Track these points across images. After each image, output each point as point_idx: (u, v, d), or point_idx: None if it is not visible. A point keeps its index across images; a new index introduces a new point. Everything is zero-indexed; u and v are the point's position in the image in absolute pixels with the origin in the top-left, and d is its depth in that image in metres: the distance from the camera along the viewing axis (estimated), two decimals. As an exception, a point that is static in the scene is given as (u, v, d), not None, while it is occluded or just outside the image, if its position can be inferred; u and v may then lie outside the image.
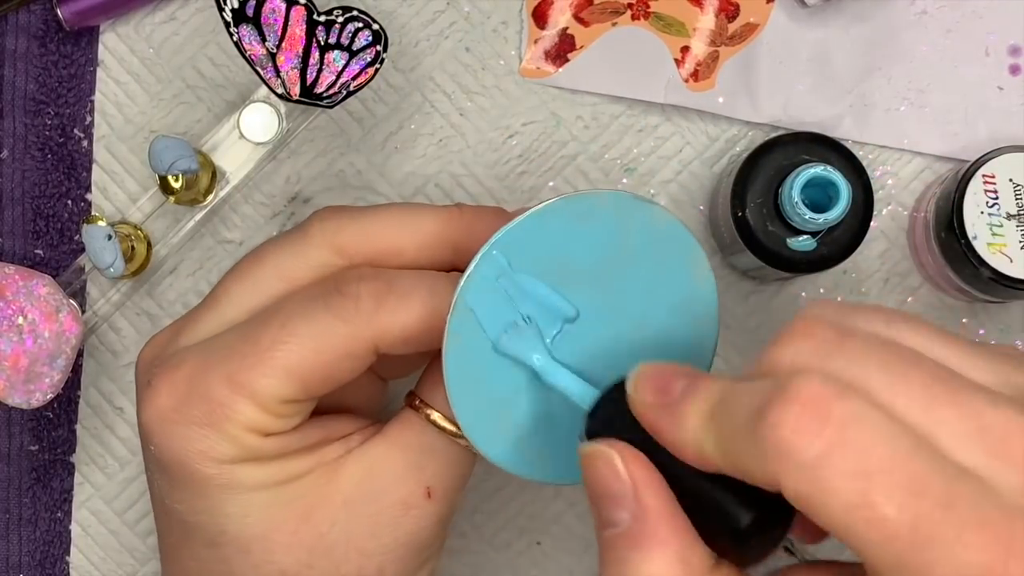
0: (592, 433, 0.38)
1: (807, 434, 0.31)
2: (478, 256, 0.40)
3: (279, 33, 0.49)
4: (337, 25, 0.49)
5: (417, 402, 0.44)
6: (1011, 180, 0.50)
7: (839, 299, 0.43)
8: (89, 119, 0.54)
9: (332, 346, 0.42)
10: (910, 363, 0.32)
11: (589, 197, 0.41)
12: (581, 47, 0.54)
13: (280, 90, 0.49)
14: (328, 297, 0.42)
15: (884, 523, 0.30)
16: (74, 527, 0.55)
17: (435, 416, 0.43)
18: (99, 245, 0.49)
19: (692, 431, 0.34)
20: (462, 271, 0.40)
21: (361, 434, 0.44)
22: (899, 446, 0.30)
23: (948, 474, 0.30)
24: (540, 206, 0.40)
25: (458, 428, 0.43)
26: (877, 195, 0.53)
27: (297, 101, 0.50)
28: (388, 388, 0.49)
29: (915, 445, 0.31)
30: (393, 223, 0.44)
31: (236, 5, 0.48)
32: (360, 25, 0.49)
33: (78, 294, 0.53)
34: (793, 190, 0.48)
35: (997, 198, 0.50)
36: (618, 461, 0.36)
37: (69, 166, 0.54)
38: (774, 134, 0.53)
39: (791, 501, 0.31)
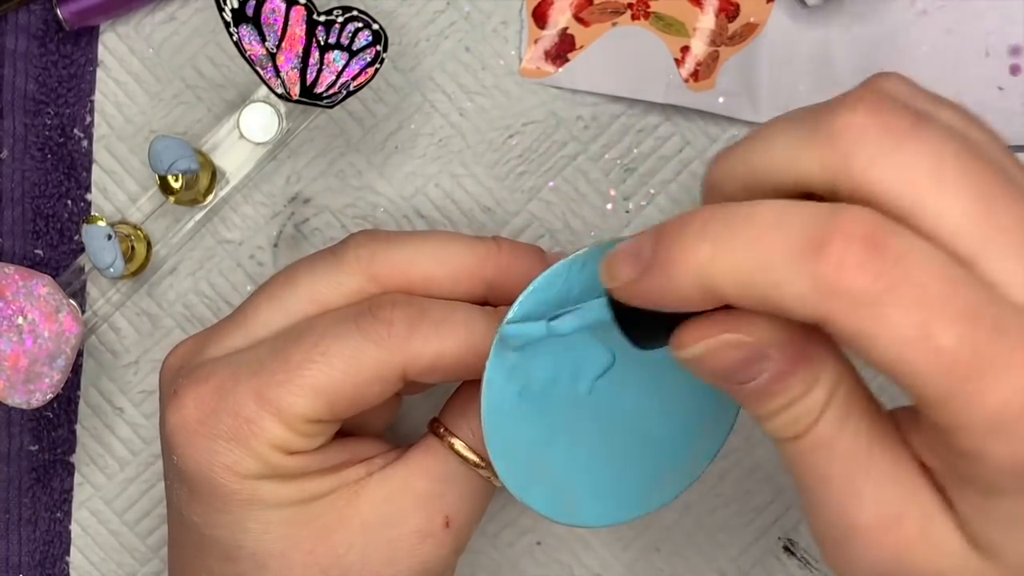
0: (633, 335, 0.36)
1: (868, 272, 0.30)
2: (515, 305, 0.40)
3: (279, 33, 0.49)
4: (337, 25, 0.49)
5: (441, 430, 0.44)
6: (1011, 180, 0.50)
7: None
8: (89, 119, 0.54)
9: (362, 369, 0.41)
10: (982, 165, 0.32)
11: None
12: (581, 47, 0.54)
13: (280, 90, 0.49)
14: (361, 319, 0.42)
15: (940, 354, 0.30)
16: (74, 527, 0.55)
17: (458, 445, 0.43)
18: (99, 245, 0.49)
19: (691, 270, 0.32)
20: (494, 305, 0.41)
21: (383, 458, 0.44)
22: (953, 276, 0.30)
23: (999, 302, 0.30)
24: (582, 252, 0.40)
25: (480, 458, 0.43)
26: (877, 195, 0.53)
27: (297, 101, 0.50)
28: (401, 402, 0.49)
29: (966, 274, 0.30)
30: (429, 254, 0.44)
31: (236, 5, 0.48)
32: (360, 25, 0.49)
33: (78, 294, 0.53)
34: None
35: (997, 198, 0.50)
36: (732, 338, 0.33)
37: (69, 166, 0.54)
38: (774, 134, 0.53)
39: (836, 336, 0.31)
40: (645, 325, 0.35)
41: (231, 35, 0.48)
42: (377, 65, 0.49)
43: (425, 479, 0.43)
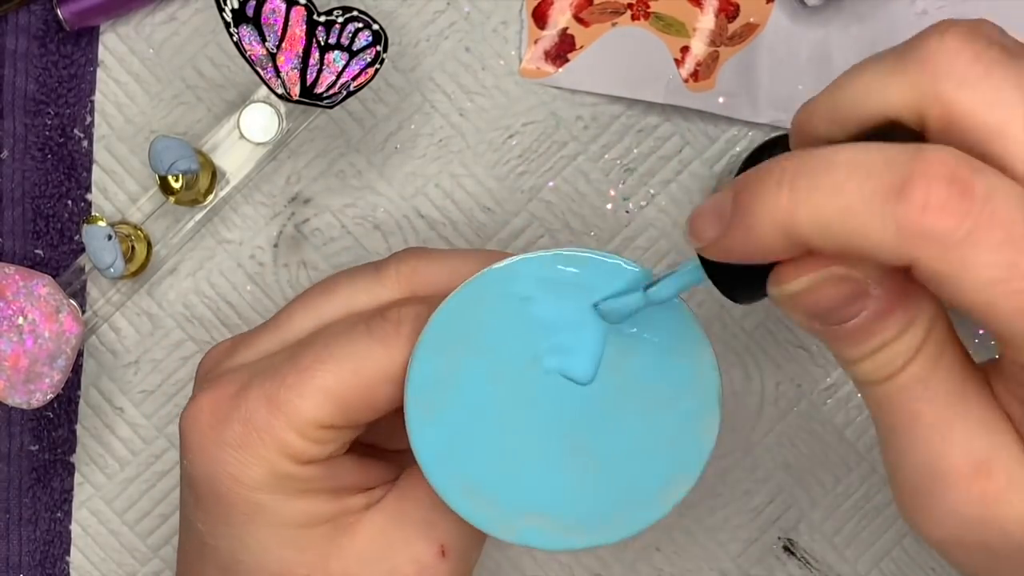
0: (731, 292, 0.36)
1: (953, 213, 0.29)
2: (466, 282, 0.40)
3: (279, 33, 0.49)
4: (337, 25, 0.49)
5: None
6: (1011, 180, 0.50)
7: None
8: (89, 119, 0.54)
9: (371, 369, 0.41)
10: None
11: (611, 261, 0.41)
12: (581, 47, 0.54)
13: (280, 90, 0.49)
14: (371, 320, 0.42)
15: None
16: (74, 527, 0.55)
17: None
18: (99, 245, 0.49)
19: (772, 219, 0.31)
20: None
21: (383, 489, 0.44)
22: None
23: None
24: (586, 251, 0.40)
25: None
26: (877, 195, 0.53)
27: (297, 101, 0.50)
28: None
29: None
30: (470, 270, 0.43)
31: (236, 5, 0.48)
32: (360, 25, 0.49)
33: (78, 294, 0.53)
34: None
35: (997, 198, 0.50)
36: (839, 270, 0.32)
37: (69, 166, 0.54)
38: (774, 134, 0.53)
39: (922, 278, 0.31)
40: (740, 280, 0.35)
41: (231, 35, 0.48)
42: (377, 65, 0.49)
43: (416, 508, 0.43)
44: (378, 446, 0.46)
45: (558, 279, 0.40)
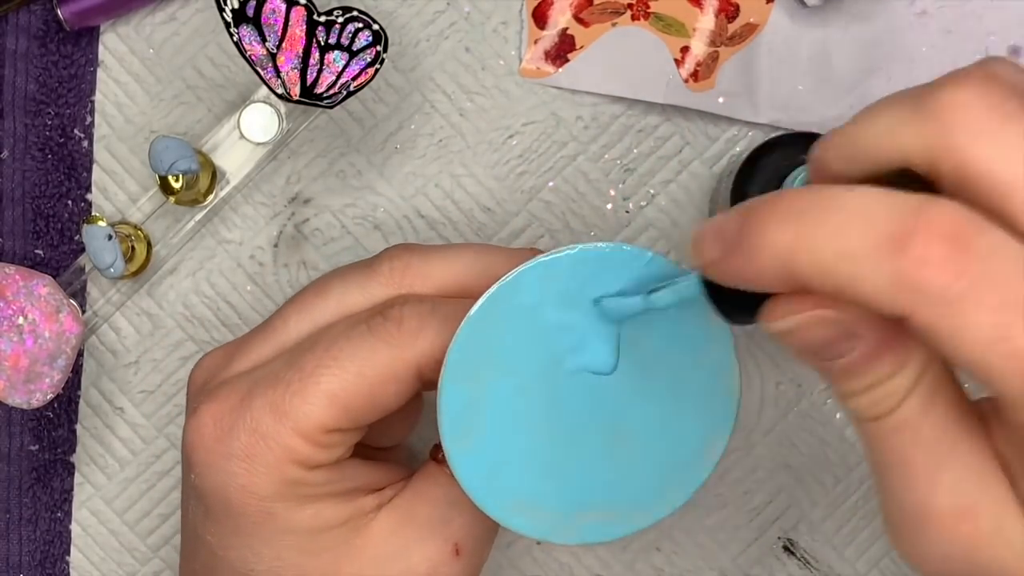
0: (727, 313, 0.36)
1: (950, 270, 0.30)
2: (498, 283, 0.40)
3: (279, 33, 0.49)
4: (337, 25, 0.49)
5: (440, 455, 0.43)
6: (1011, 180, 0.50)
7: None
8: (89, 119, 0.54)
9: (376, 370, 0.41)
10: None
11: (621, 250, 0.41)
12: (581, 47, 0.54)
13: (280, 90, 0.49)
14: (372, 320, 0.42)
15: (1020, 356, 0.30)
16: (74, 527, 0.55)
17: None
18: (99, 245, 0.49)
19: (774, 252, 0.32)
20: None
21: (394, 489, 0.44)
22: None
23: None
24: (580, 247, 0.40)
25: None
26: (877, 195, 0.53)
27: (297, 101, 0.50)
28: (422, 407, 0.49)
29: None
30: (463, 267, 0.43)
31: (236, 5, 0.48)
32: (360, 25, 0.49)
33: (78, 294, 0.53)
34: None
35: (997, 198, 0.50)
36: (828, 314, 0.33)
37: (69, 166, 0.54)
38: (774, 134, 0.53)
39: (917, 330, 0.31)
40: (736, 301, 0.35)
41: (231, 35, 0.48)
42: (377, 65, 0.49)
43: (429, 507, 0.43)
44: (368, 445, 0.46)
45: (561, 280, 0.41)
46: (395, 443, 0.48)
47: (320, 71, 0.49)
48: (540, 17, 0.54)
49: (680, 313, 0.41)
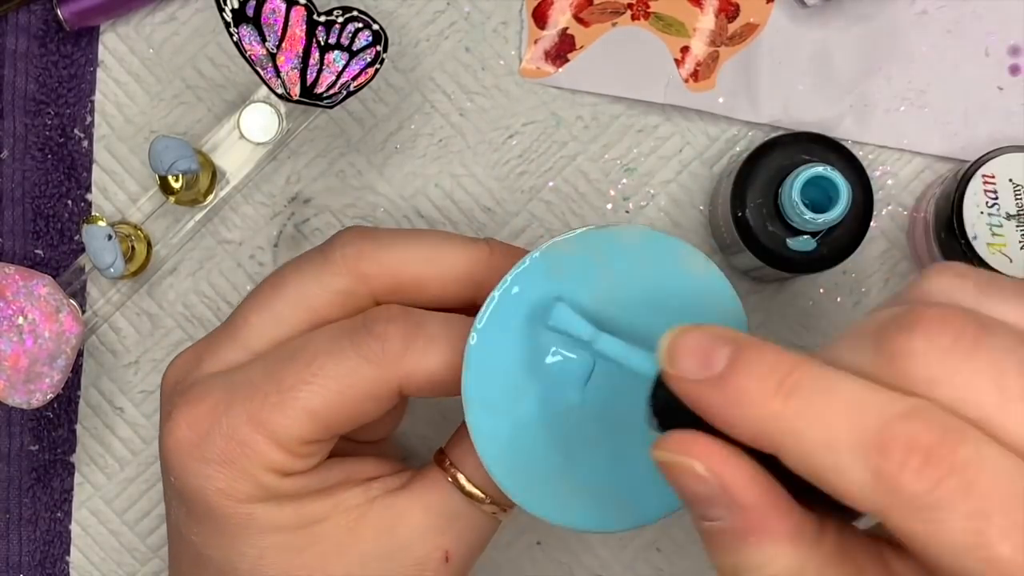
0: (660, 414, 0.35)
1: (927, 479, 0.30)
2: (498, 290, 0.40)
3: (279, 33, 0.49)
4: (337, 25, 0.49)
5: (447, 463, 0.43)
6: (1011, 180, 0.50)
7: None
8: (89, 119, 0.54)
9: (357, 388, 0.41)
10: None
11: (612, 231, 0.41)
12: (581, 47, 0.54)
13: (280, 90, 0.49)
14: (355, 336, 0.41)
15: (998, 563, 0.30)
16: (74, 527, 0.55)
17: (462, 479, 0.43)
18: (99, 245, 0.49)
19: (755, 413, 0.31)
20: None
21: (382, 483, 0.43)
22: (1017, 486, 0.30)
23: None
24: (560, 238, 0.40)
25: (485, 494, 0.42)
26: (877, 195, 0.53)
27: (297, 101, 0.50)
28: (405, 407, 0.49)
29: None
30: (420, 255, 0.43)
31: (236, 5, 0.48)
32: (360, 25, 0.49)
33: (78, 294, 0.53)
34: (793, 190, 0.48)
35: (997, 198, 0.50)
36: (699, 467, 0.32)
37: (69, 166, 0.54)
38: (774, 134, 0.53)
39: (894, 532, 0.31)
40: (674, 413, 0.34)
41: (231, 35, 0.48)
42: (377, 65, 0.49)
43: (428, 514, 0.43)
44: (352, 439, 0.46)
45: (538, 286, 0.40)
46: (379, 438, 0.48)
47: (320, 71, 0.49)
48: (540, 17, 0.54)
49: (669, 270, 0.40)
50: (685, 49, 0.54)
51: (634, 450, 0.41)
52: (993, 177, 0.50)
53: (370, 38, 0.49)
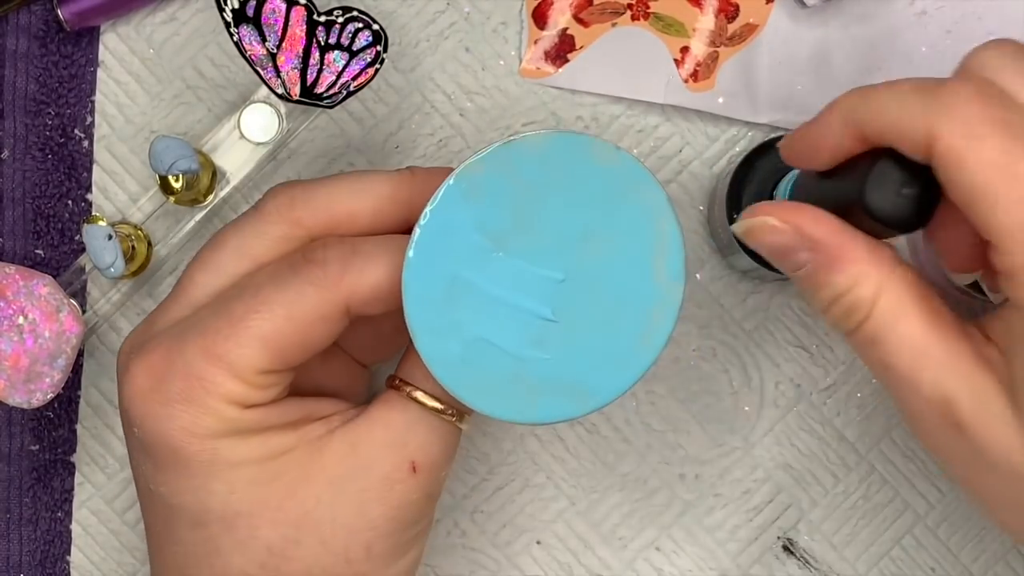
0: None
1: (974, 103, 0.37)
2: (441, 190, 0.42)
3: (279, 33, 0.49)
4: (337, 25, 0.49)
5: (398, 382, 0.44)
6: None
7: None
8: (89, 119, 0.54)
9: (304, 311, 0.42)
10: None
11: (517, 143, 0.42)
12: (581, 47, 0.54)
13: (280, 90, 0.49)
14: (296, 265, 0.43)
15: (1020, 178, 0.36)
16: (74, 527, 0.55)
17: (417, 394, 0.44)
18: (99, 245, 0.50)
19: (843, 106, 0.40)
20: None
21: (342, 416, 0.45)
22: None
23: None
24: (470, 160, 0.42)
25: (444, 404, 0.44)
26: (877, 195, 0.53)
27: (297, 101, 0.50)
28: (370, 377, 0.50)
29: None
30: (346, 190, 0.45)
31: (236, 5, 0.48)
32: (360, 25, 0.49)
33: (78, 294, 0.53)
34: (788, 191, 0.48)
35: (996, 198, 0.50)
36: (772, 220, 0.40)
37: (69, 166, 0.54)
38: (772, 135, 0.53)
39: (933, 158, 0.37)
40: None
41: (231, 35, 0.49)
42: (377, 65, 0.50)
43: (388, 430, 0.44)
44: (357, 360, 0.49)
45: (459, 211, 0.42)
46: (378, 361, 0.50)
47: (320, 71, 0.50)
48: (540, 17, 0.54)
49: (616, 189, 0.43)
50: (685, 49, 0.54)
51: (583, 340, 0.43)
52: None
53: (370, 38, 0.49)
